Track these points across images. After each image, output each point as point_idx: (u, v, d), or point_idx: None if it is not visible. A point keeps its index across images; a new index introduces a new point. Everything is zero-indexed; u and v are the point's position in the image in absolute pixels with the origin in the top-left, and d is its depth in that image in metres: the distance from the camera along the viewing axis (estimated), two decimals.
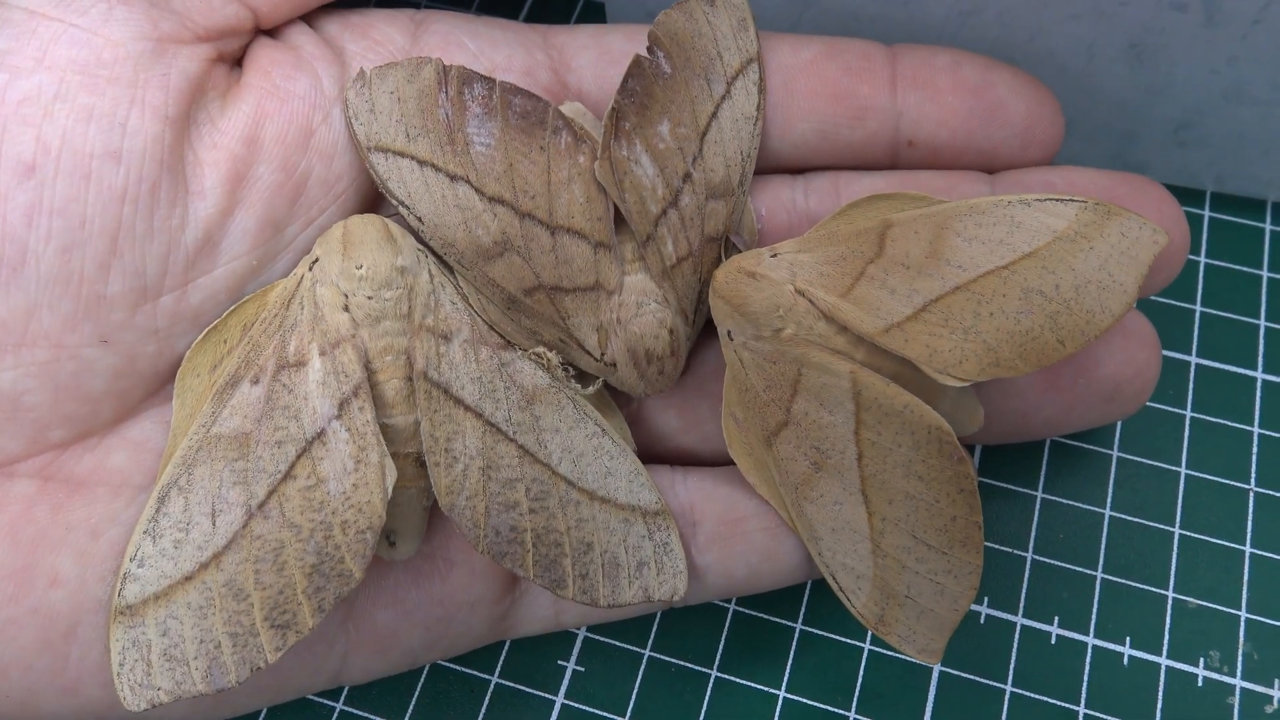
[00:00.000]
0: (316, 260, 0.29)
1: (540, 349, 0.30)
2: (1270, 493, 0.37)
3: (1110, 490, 0.37)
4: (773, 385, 0.29)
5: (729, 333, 0.30)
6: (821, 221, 0.31)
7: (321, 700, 0.35)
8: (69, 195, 0.27)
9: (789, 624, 0.36)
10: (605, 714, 0.35)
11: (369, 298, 0.29)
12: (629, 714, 0.35)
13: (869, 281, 0.29)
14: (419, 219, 0.29)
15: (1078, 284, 0.29)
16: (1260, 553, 0.36)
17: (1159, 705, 0.34)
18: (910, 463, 0.29)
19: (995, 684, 0.35)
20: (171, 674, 0.27)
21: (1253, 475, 0.37)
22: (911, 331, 0.29)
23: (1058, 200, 0.29)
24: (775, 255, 0.30)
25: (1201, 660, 0.35)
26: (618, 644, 0.36)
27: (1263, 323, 0.40)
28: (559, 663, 0.35)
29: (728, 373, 0.31)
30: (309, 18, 0.32)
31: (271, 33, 0.32)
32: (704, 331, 0.33)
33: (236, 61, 0.31)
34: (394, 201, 0.29)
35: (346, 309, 0.29)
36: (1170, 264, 0.32)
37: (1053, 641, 0.35)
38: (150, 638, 0.27)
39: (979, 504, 0.28)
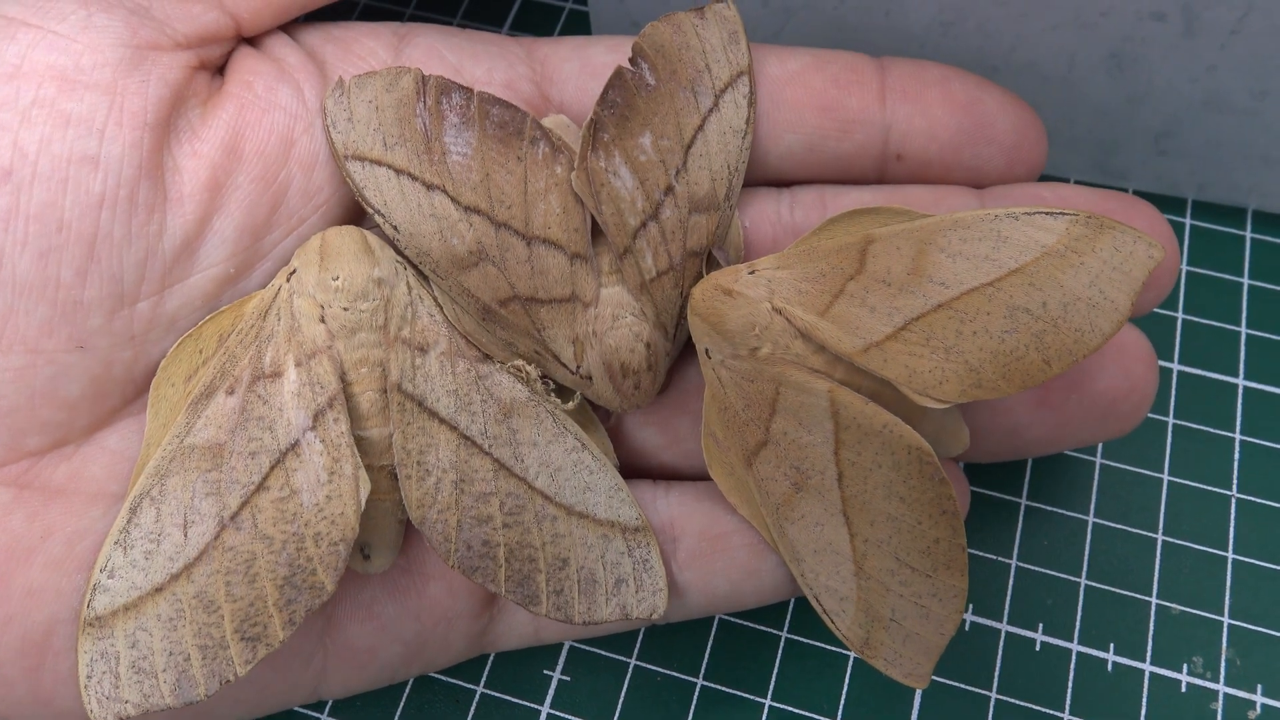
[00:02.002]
0: (294, 271, 0.29)
1: (519, 362, 0.30)
2: (1252, 499, 0.37)
3: (1094, 497, 0.37)
4: (751, 404, 0.29)
5: (707, 351, 0.29)
6: (802, 237, 0.30)
7: (306, 711, 0.34)
8: (46, 200, 0.26)
9: (775, 633, 0.35)
10: None
11: (345, 309, 0.28)
12: None
13: (848, 299, 0.28)
14: (394, 227, 0.29)
15: (1066, 301, 0.27)
16: (1243, 559, 0.36)
17: (1143, 711, 0.34)
18: (891, 484, 0.28)
19: (980, 691, 0.34)
20: (140, 686, 0.26)
21: (1235, 481, 0.37)
22: (891, 351, 0.28)
23: (1047, 214, 0.28)
24: (753, 272, 0.29)
25: (1185, 666, 0.34)
26: (604, 653, 0.35)
27: (1244, 330, 0.39)
28: (545, 672, 0.35)
29: (707, 391, 0.30)
30: (292, 30, 0.32)
31: (254, 44, 0.31)
32: (686, 347, 0.32)
33: (219, 70, 0.30)
34: (369, 210, 0.29)
35: (323, 320, 0.28)
36: (1160, 284, 0.31)
37: (1037, 648, 0.35)
38: (119, 649, 0.26)
39: (962, 526, 0.27)
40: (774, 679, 0.35)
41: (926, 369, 0.27)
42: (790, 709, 0.34)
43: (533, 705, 0.34)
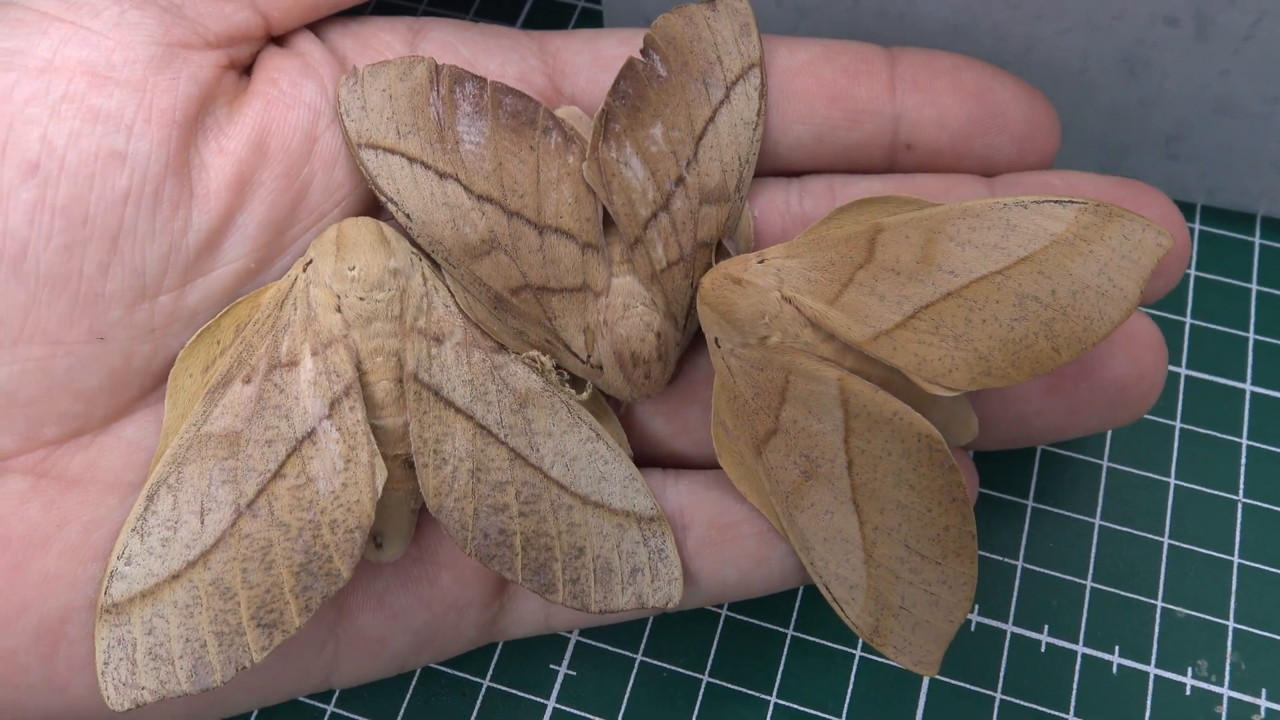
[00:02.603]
0: (311, 262, 0.29)
1: (534, 353, 0.30)
2: (1258, 504, 0.37)
3: (1100, 500, 0.37)
4: (761, 393, 0.29)
5: (716, 340, 0.29)
6: (811, 226, 0.30)
7: (312, 702, 0.34)
8: (72, 195, 0.26)
9: (781, 630, 0.35)
10: (597, 718, 0.34)
11: (360, 299, 0.28)
12: (620, 718, 0.34)
13: (858, 288, 0.28)
14: (407, 216, 0.29)
15: (1075, 289, 0.27)
16: (1248, 563, 0.36)
17: (1147, 714, 0.34)
18: (901, 471, 0.28)
19: (985, 691, 0.34)
20: (156, 673, 0.26)
21: (1241, 486, 0.37)
22: (900, 339, 0.28)
23: (1056, 202, 0.28)
24: (763, 261, 0.29)
25: (1190, 669, 0.34)
26: (610, 648, 0.35)
27: (1251, 335, 0.39)
28: (551, 666, 0.35)
29: (716, 380, 0.30)
30: (312, 25, 0.32)
31: (279, 40, 0.31)
32: (696, 337, 0.32)
33: (246, 68, 0.30)
34: (382, 198, 0.29)
35: (339, 310, 0.28)
36: (1169, 272, 0.31)
37: (1043, 650, 0.35)
38: (136, 636, 0.26)
39: (971, 513, 0.27)
40: (779, 676, 0.34)
41: (936, 357, 0.27)
42: (795, 706, 0.34)
43: (539, 699, 0.34)
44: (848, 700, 0.34)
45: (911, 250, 0.28)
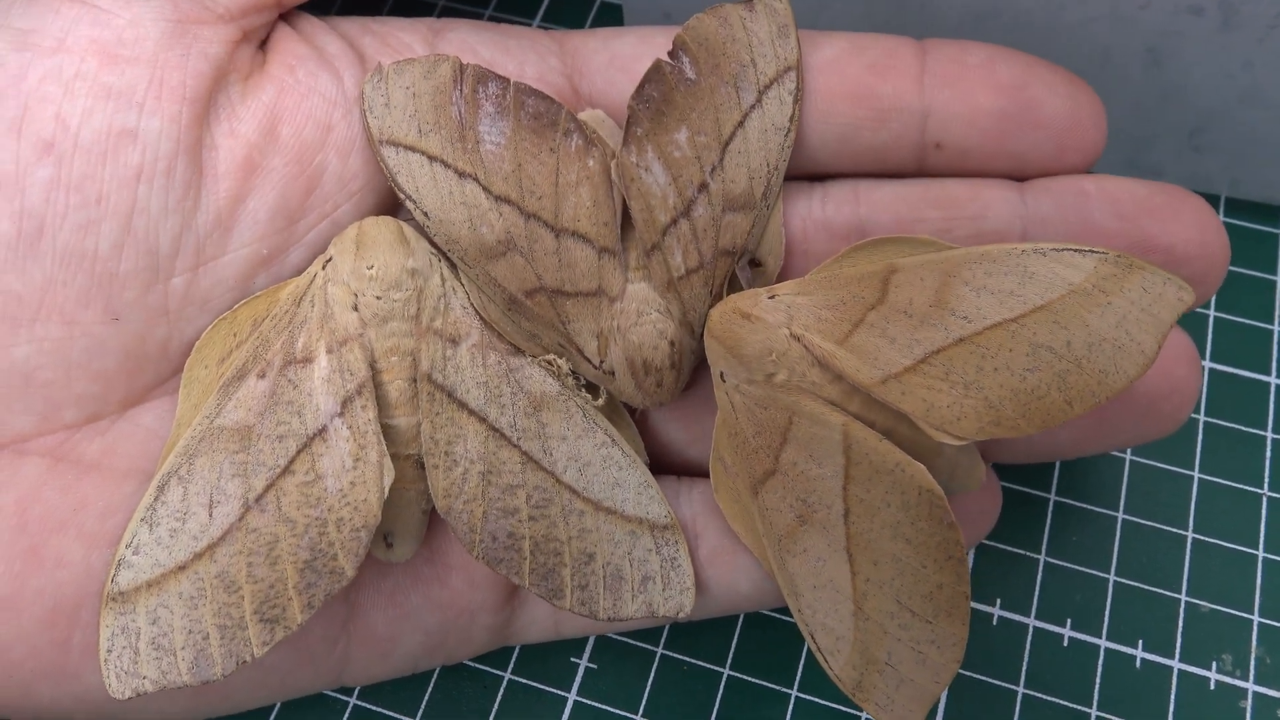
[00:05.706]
0: (330, 259, 0.28)
1: (550, 356, 0.29)
2: None
3: (1123, 493, 0.36)
4: (762, 431, 0.28)
5: (721, 374, 0.28)
6: (824, 263, 0.29)
7: (335, 695, 0.34)
8: (86, 172, 0.26)
9: None
10: (618, 711, 0.34)
11: (377, 298, 0.28)
12: (641, 711, 0.33)
13: (869, 329, 0.27)
14: (425, 214, 0.28)
15: (1091, 342, 0.26)
16: (1273, 557, 0.35)
17: (1171, 708, 0.33)
18: (899, 524, 0.27)
19: (1008, 685, 0.33)
20: (158, 663, 0.26)
21: (1266, 479, 0.36)
22: (909, 384, 0.27)
23: (1076, 251, 0.27)
24: (773, 297, 0.28)
25: (1214, 664, 0.34)
26: (631, 642, 0.35)
27: (1276, 327, 0.39)
28: (572, 660, 0.34)
29: (719, 415, 0.29)
30: (331, 22, 0.32)
31: (295, 29, 0.31)
32: None
33: (261, 44, 0.30)
34: (401, 195, 0.28)
35: (356, 308, 0.28)
36: (1208, 280, 0.30)
37: (1065, 644, 0.34)
38: (140, 625, 0.26)
39: (967, 574, 0.26)
40: (800, 670, 0.34)
41: (945, 404, 0.26)
42: (817, 700, 0.33)
43: (560, 692, 0.34)
44: None
45: (925, 293, 0.27)
